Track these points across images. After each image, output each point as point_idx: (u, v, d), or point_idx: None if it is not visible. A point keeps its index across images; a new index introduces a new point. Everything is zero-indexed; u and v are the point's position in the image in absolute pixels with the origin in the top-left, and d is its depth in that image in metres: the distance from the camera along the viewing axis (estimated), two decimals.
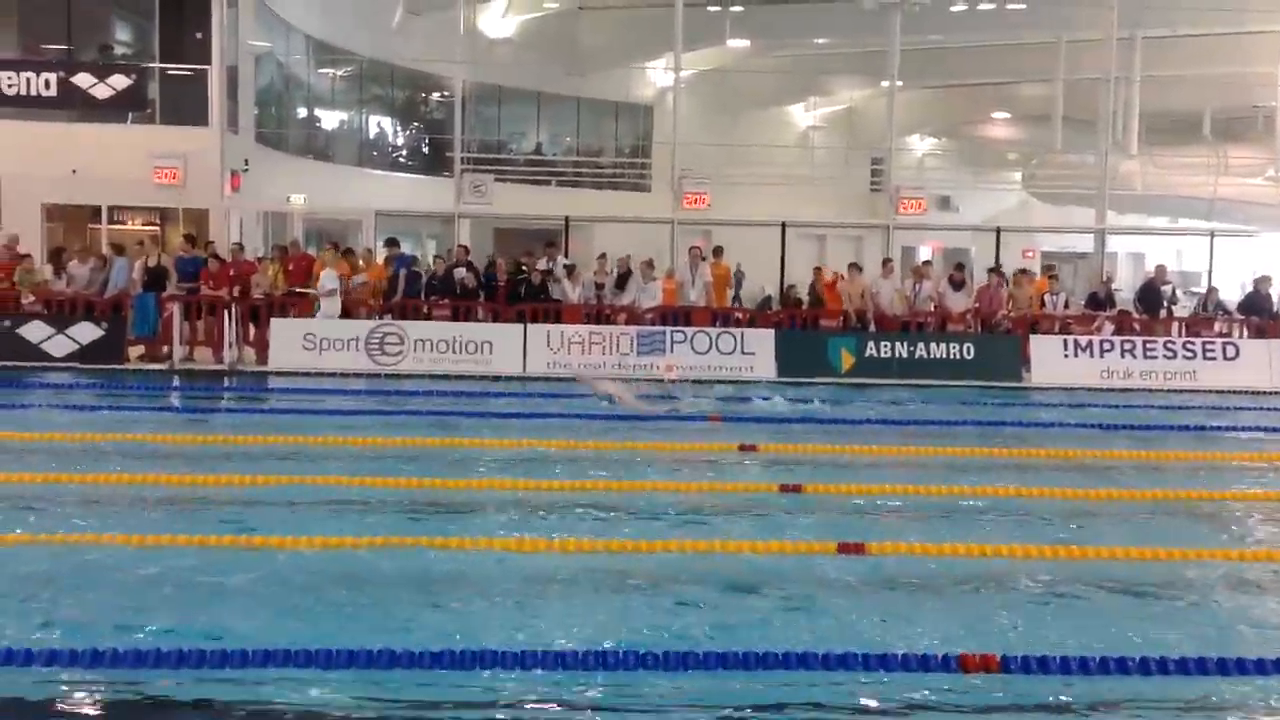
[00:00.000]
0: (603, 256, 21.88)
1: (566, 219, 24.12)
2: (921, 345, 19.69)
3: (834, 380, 19.04)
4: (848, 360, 19.57)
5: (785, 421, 14.65)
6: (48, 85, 21.60)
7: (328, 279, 19.45)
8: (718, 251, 21.60)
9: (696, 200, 24.05)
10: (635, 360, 19.02)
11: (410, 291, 20.30)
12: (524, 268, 20.68)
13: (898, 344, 19.79)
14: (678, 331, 19.46)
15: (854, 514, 9.80)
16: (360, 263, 20.66)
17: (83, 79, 21.68)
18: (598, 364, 18.15)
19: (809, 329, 20.98)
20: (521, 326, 19.42)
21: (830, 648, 6.16)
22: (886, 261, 22.23)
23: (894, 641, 6.52)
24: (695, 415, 14.81)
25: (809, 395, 16.98)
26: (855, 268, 21.64)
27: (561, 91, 35.28)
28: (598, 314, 20.31)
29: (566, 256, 21.92)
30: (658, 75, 35.17)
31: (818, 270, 23.39)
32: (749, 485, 10.80)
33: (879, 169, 31.38)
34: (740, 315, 20.99)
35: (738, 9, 31.15)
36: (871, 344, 19.75)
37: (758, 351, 19.42)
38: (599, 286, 20.63)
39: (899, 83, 26.01)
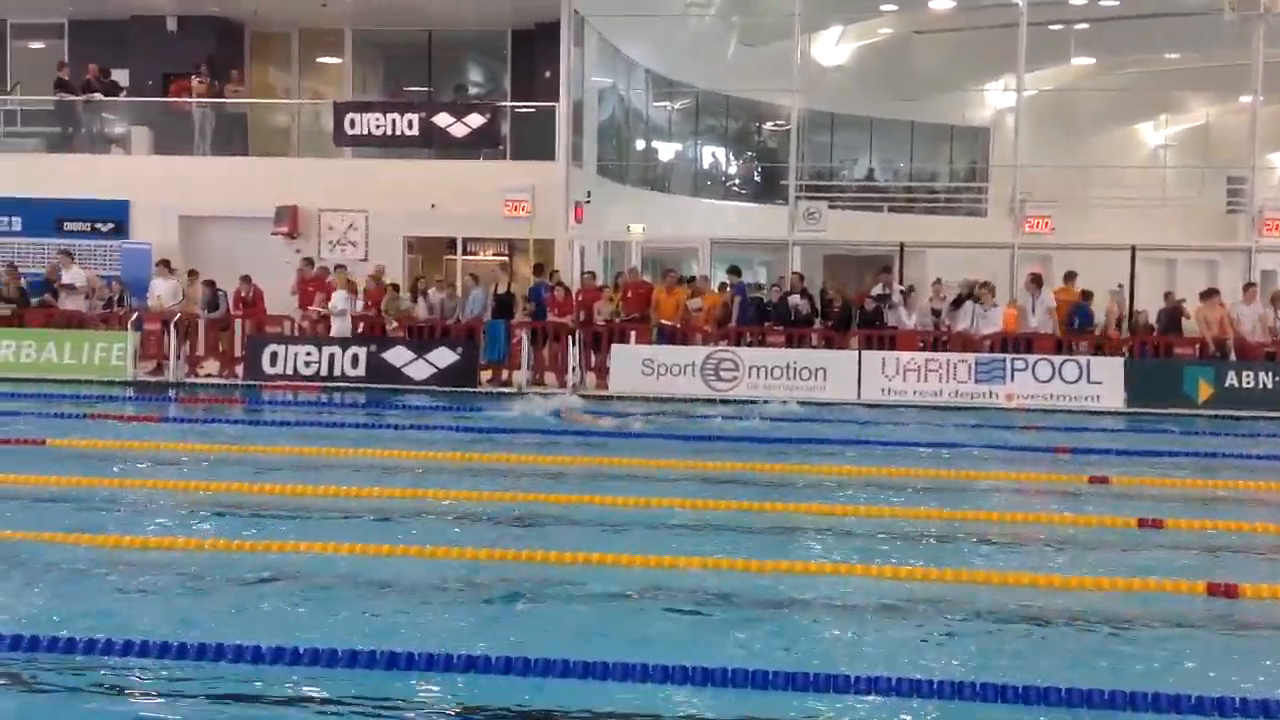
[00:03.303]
0: (938, 282, 21.49)
1: (901, 245, 23.78)
2: None
3: (1190, 411, 18.01)
4: (1205, 390, 18.48)
5: (1138, 454, 13.94)
6: (411, 125, 23.09)
7: (339, 300, 20.17)
8: (1069, 277, 20.84)
9: (1038, 224, 23.23)
10: (974, 388, 18.58)
11: (745, 318, 20.53)
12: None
13: (1261, 374, 18.54)
14: (1018, 359, 18.85)
15: (1220, 553, 9.21)
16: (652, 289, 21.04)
17: (442, 119, 23.05)
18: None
19: (1162, 357, 19.90)
20: (856, 353, 19.30)
21: (1204, 691, 5.81)
22: (1249, 286, 20.83)
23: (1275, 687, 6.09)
24: (1042, 447, 14.31)
25: (1163, 426, 16.12)
26: (1214, 293, 20.38)
27: (894, 116, 34.90)
28: (934, 340, 19.94)
29: (901, 283, 21.63)
30: (995, 97, 34.27)
31: (1168, 295, 22.16)
32: (1103, 519, 10.32)
33: (1237, 189, 29.44)
34: (1085, 343, 20.12)
35: (1082, 26, 29.99)
36: (1232, 373, 18.57)
37: (1105, 380, 18.58)
38: (935, 313, 20.26)
39: (1260, 97, 24.37)
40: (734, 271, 21.97)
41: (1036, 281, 20.32)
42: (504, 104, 24.38)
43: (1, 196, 23.42)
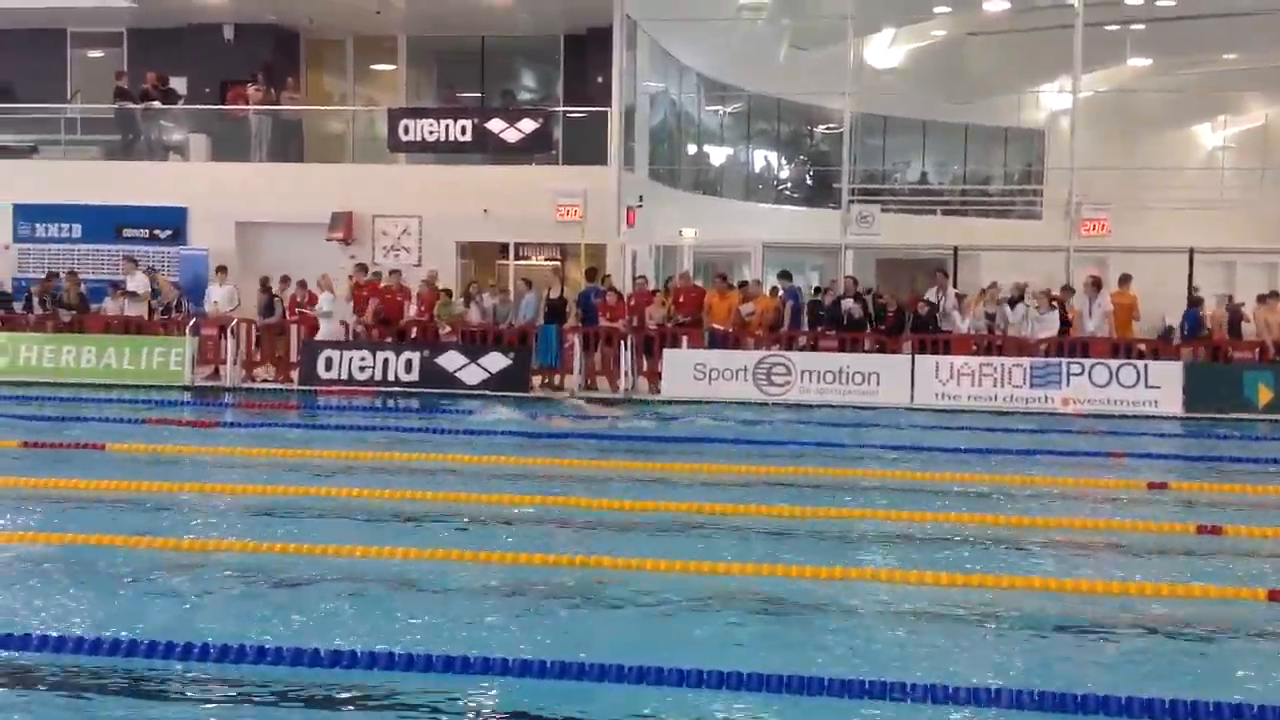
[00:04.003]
0: (993, 285, 21.33)
1: (955, 249, 23.64)
2: None
3: (1250, 416, 17.76)
4: (1265, 395, 18.22)
5: (1197, 459, 13.77)
6: (464, 131, 23.22)
7: (324, 302, 20.32)
8: (1124, 280, 20.62)
9: (1095, 227, 23.00)
10: (1029, 392, 18.42)
11: (797, 323, 20.48)
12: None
13: None
14: (1074, 364, 18.66)
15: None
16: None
17: (495, 124, 23.16)
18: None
19: (1221, 361, 19.63)
20: (909, 358, 19.20)
21: (1268, 700, 5.72)
22: None
23: None
24: (1099, 452, 14.16)
25: (1222, 431, 15.90)
26: (1274, 295, 20.08)
27: (948, 119, 34.69)
28: (988, 345, 19.79)
29: (955, 286, 21.49)
30: (1050, 98, 33.97)
31: (1227, 298, 21.87)
32: (1162, 525, 10.20)
33: None
34: (1142, 347, 19.90)
35: (1139, 27, 29.68)
36: None
37: (1163, 385, 18.34)
38: (990, 317, 20.11)
39: None
40: (785, 276, 21.92)
41: (1094, 284, 20.11)
42: (556, 109, 24.46)
43: (62, 204, 23.79)
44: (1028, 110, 34.97)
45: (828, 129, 32.94)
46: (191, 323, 20.46)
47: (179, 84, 25.41)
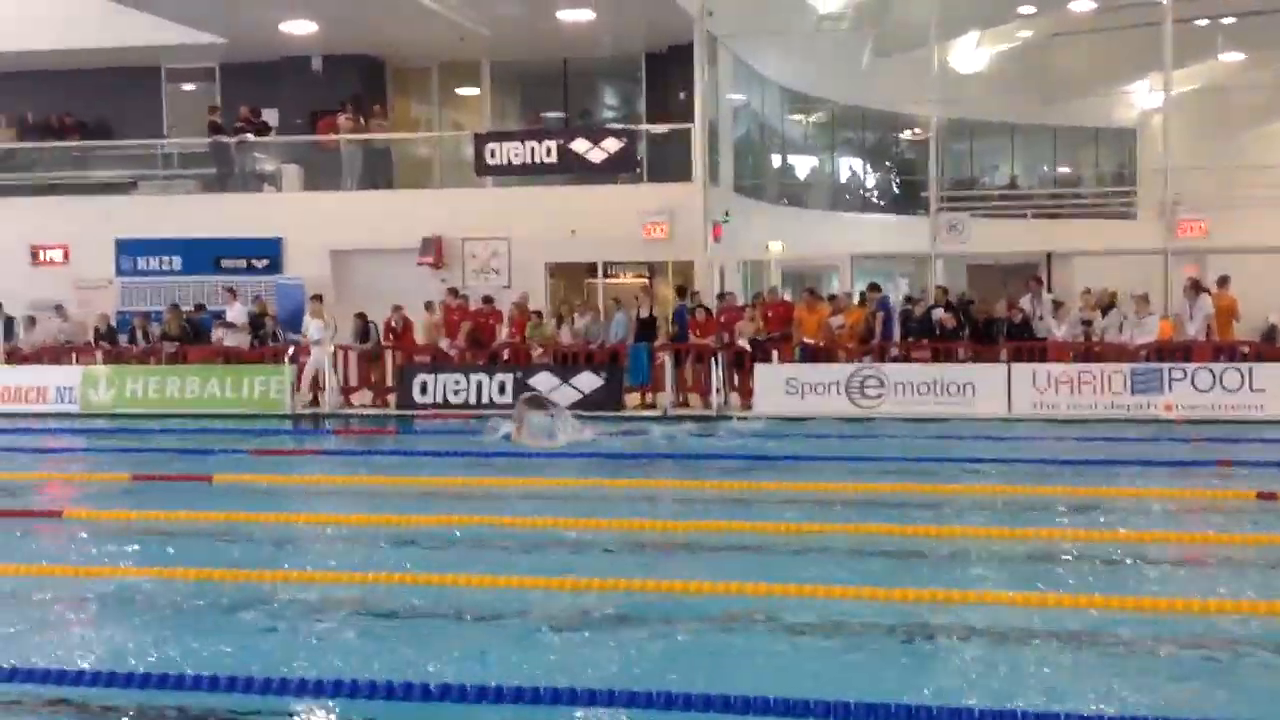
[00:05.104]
0: (1087, 291, 21.00)
1: (1048, 254, 23.32)
2: None
3: None
4: None
5: None
6: (549, 153, 23.41)
7: (314, 330, 20.48)
8: (1223, 281, 20.20)
9: (1192, 227, 22.55)
10: (1130, 399, 18.11)
11: (888, 334, 20.34)
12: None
13: None
14: (1176, 368, 18.30)
15: None
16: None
17: (579, 145, 23.31)
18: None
19: None
20: (1005, 367, 18.97)
21: None
22: None
23: None
24: (1204, 460, 13.87)
25: None
26: None
27: (1036, 121, 34.26)
28: (1086, 351, 19.48)
29: (1050, 291, 21.20)
30: (1140, 97, 33.38)
31: None
32: (1273, 537, 9.96)
33: None
34: (1246, 349, 19.47)
35: (1229, 21, 29.08)
36: None
37: (1269, 388, 17.92)
38: (1086, 323, 19.80)
39: None
40: (874, 288, 21.75)
41: (1195, 287, 19.73)
42: (639, 127, 24.57)
43: (162, 237, 24.39)
44: (1118, 109, 34.42)
45: (913, 135, 32.70)
46: (290, 351, 20.84)
47: (270, 116, 25.98)
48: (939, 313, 20.18)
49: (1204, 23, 28.64)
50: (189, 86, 27.85)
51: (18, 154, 26.68)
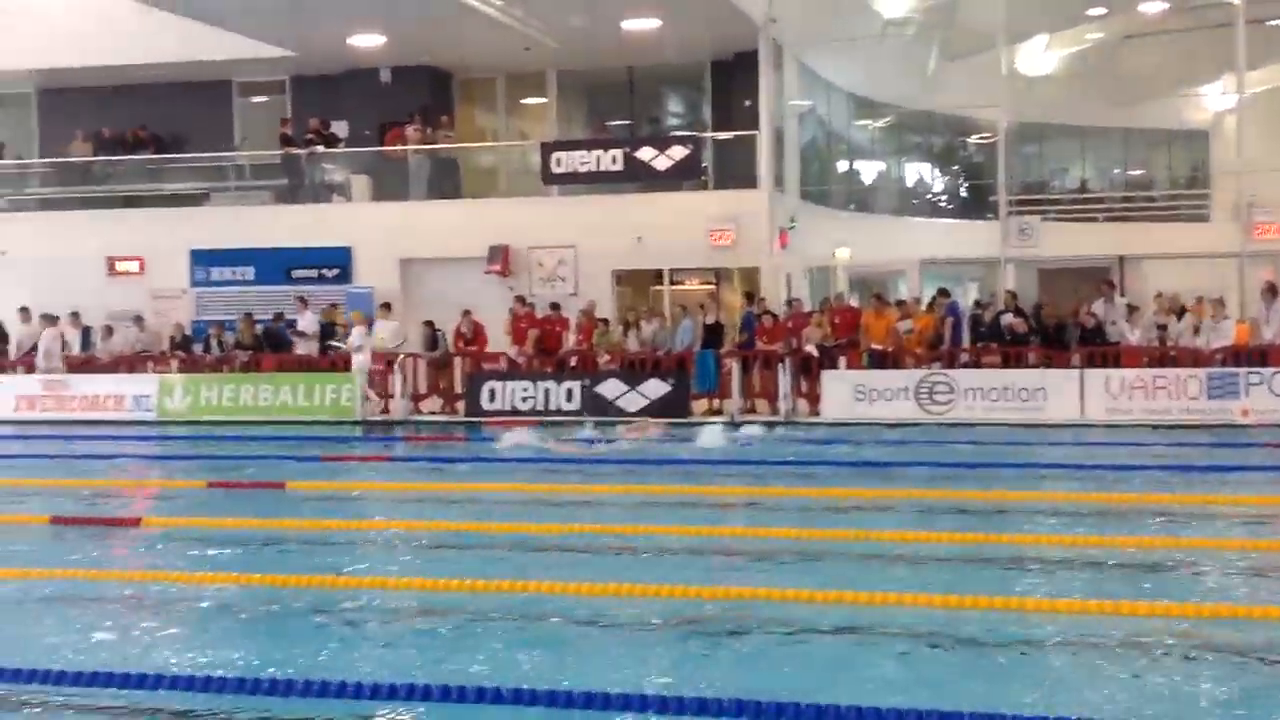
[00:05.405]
0: (1160, 295, 20.71)
1: (1121, 258, 23.04)
2: None
3: None
4: None
5: None
6: (614, 161, 23.46)
7: (356, 336, 20.64)
8: None
9: (1267, 230, 22.17)
10: (1205, 404, 17.82)
11: (958, 339, 20.17)
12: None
13: None
14: (1253, 373, 17.97)
15: None
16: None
17: (645, 153, 23.34)
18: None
19: None
20: (1078, 372, 18.73)
21: None
22: None
23: None
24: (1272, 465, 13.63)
25: None
26: None
27: (1107, 123, 33.84)
28: (1161, 356, 19.20)
29: (1122, 295, 20.92)
30: (1213, 98, 32.87)
31: None
32: None
33: None
34: None
35: None
36: None
37: None
38: (1160, 328, 19.51)
39: None
40: (944, 293, 21.56)
41: (1272, 290, 19.38)
42: (705, 135, 24.57)
43: (235, 248, 24.76)
44: (1190, 111, 33.92)
45: (981, 139, 32.44)
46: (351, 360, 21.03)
47: (339, 127, 26.27)
48: (1008, 318, 19.98)
49: (1276, 22, 28.14)
50: (260, 99, 28.25)
51: (95, 167, 27.20)
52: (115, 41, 25.44)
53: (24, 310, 23.23)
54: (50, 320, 22.54)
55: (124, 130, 27.28)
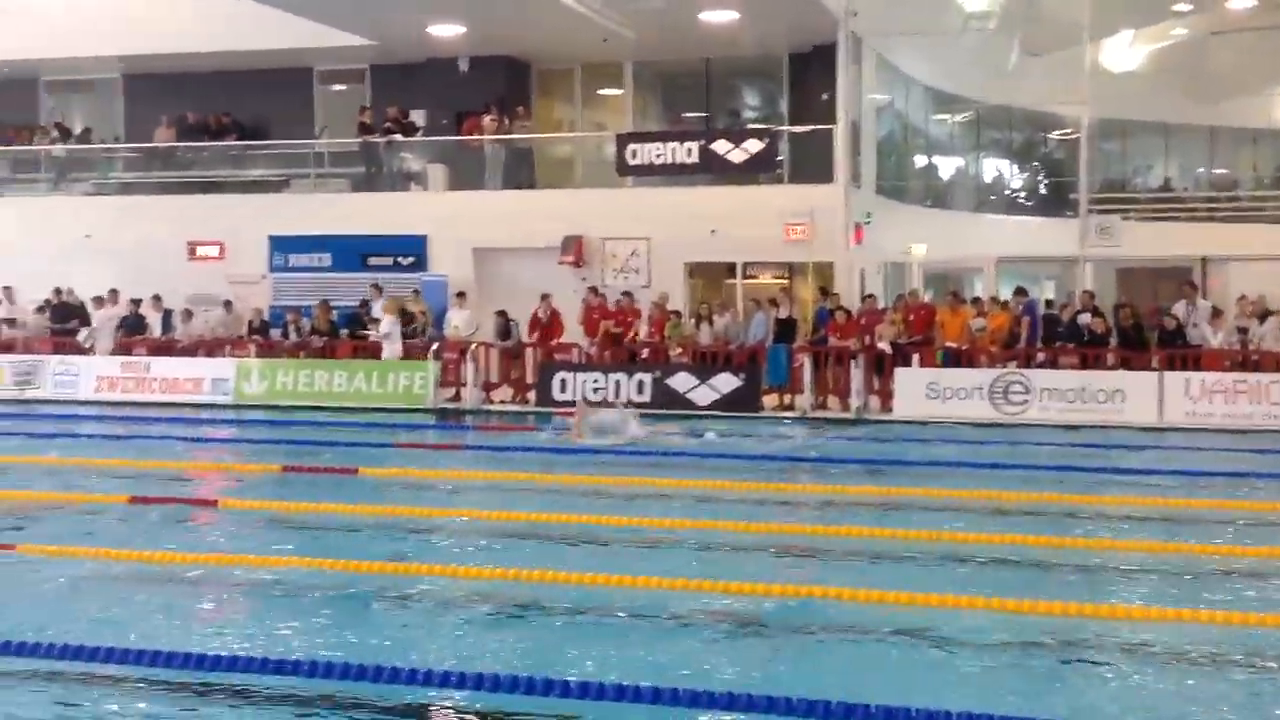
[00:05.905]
0: (1243, 298, 20.30)
1: (1204, 259, 22.61)
2: None
3: None
4: None
5: None
6: (690, 153, 23.39)
7: (386, 324, 20.73)
8: None
9: None
10: None
11: (1034, 338, 19.91)
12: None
13: None
14: None
15: None
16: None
17: (720, 145, 23.26)
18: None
19: None
20: (1156, 374, 18.42)
21: None
22: None
23: None
24: None
25: None
26: None
27: (1192, 121, 33.21)
28: (1242, 360, 18.82)
29: (1205, 297, 20.53)
30: None
31: None
32: None
33: None
34: None
35: None
36: None
37: None
38: (1242, 331, 19.14)
39: None
40: (1021, 291, 21.29)
41: None
42: (781, 128, 24.43)
43: (313, 234, 25.04)
44: (1277, 109, 33.20)
45: (1062, 135, 31.98)
46: (434, 347, 21.21)
47: (418, 116, 26.45)
48: (1085, 317, 19.69)
49: None
50: (340, 88, 28.52)
51: (177, 153, 27.64)
52: (200, 29, 25.84)
53: (113, 293, 23.70)
54: (108, 300, 23.33)
55: (207, 117, 27.69)
